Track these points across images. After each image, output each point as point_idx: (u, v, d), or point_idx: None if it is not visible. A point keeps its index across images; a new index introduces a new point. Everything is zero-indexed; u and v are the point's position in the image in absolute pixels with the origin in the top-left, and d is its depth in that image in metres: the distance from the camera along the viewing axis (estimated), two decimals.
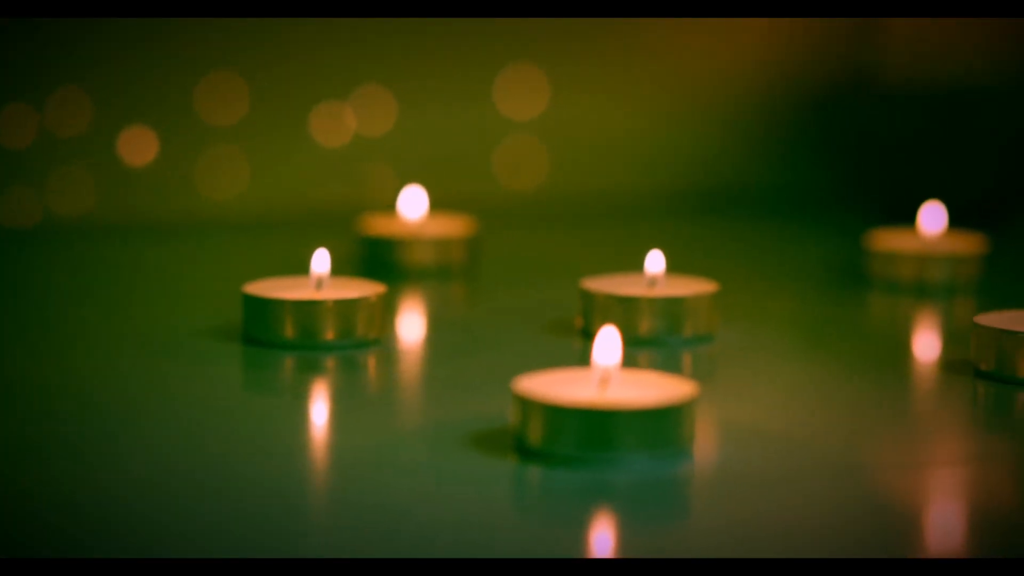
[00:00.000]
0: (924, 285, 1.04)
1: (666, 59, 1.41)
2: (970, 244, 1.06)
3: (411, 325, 0.95)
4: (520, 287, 1.05)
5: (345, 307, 0.83)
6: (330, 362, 0.82)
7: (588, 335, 0.87)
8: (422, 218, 1.09)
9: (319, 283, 0.85)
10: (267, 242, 1.20)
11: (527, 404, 0.64)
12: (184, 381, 0.78)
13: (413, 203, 1.10)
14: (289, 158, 1.32)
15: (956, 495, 0.65)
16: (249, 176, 1.31)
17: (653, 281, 0.88)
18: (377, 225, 1.09)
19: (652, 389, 0.66)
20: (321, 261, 0.86)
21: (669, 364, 0.83)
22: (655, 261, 0.88)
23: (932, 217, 1.07)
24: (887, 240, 1.06)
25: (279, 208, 1.30)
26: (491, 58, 1.37)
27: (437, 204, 1.14)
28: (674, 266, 0.94)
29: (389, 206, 1.22)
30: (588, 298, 0.87)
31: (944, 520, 0.62)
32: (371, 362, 0.83)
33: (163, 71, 1.28)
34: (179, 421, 0.71)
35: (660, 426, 0.64)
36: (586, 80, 1.39)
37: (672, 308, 0.86)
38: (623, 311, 0.85)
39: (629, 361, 0.83)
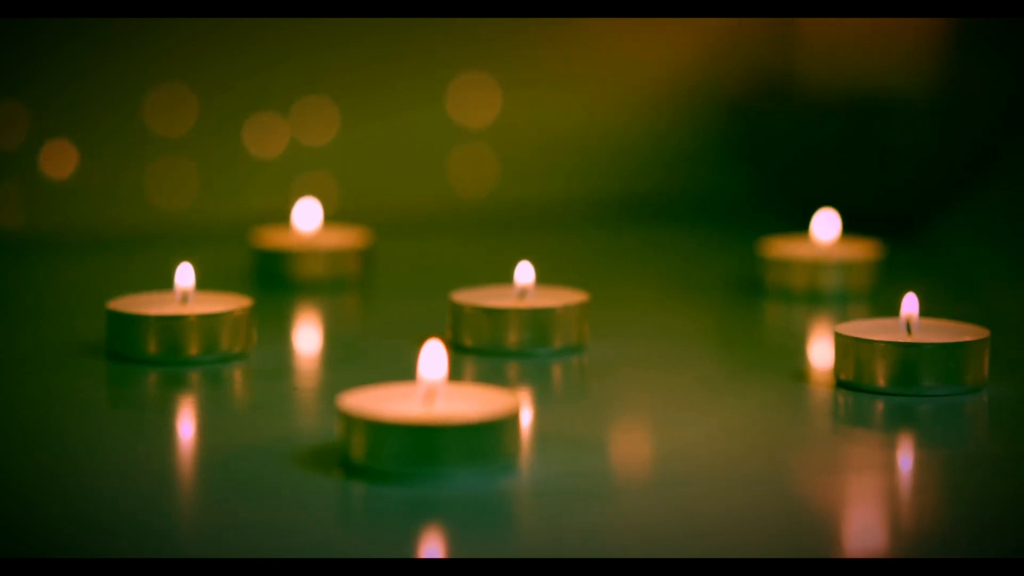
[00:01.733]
0: (817, 292, 1.04)
1: (586, 66, 1.41)
2: (864, 251, 1.05)
3: (284, 338, 0.94)
4: (407, 299, 1.05)
5: (209, 322, 0.83)
6: (194, 377, 0.81)
7: (457, 348, 0.87)
8: (316, 230, 1.09)
9: (184, 298, 0.85)
10: (183, 255, 1.19)
11: (350, 420, 0.64)
12: (47, 396, 0.78)
13: (307, 215, 1.09)
14: (232, 169, 1.32)
15: (785, 504, 0.64)
16: (197, 188, 1.31)
17: (523, 292, 0.88)
18: (270, 237, 1.08)
19: (477, 403, 0.65)
20: (185, 275, 0.85)
21: (536, 376, 0.83)
22: (524, 272, 0.88)
23: (825, 224, 1.07)
24: (780, 248, 1.06)
25: (224, 220, 1.29)
26: (440, 65, 1.37)
27: (382, 215, 1.14)
28: (568, 276, 0.94)
29: (329, 217, 1.24)
30: (457, 310, 0.86)
31: (773, 526, 0.62)
32: (236, 376, 0.82)
33: (98, 84, 1.28)
34: (34, 432, 0.72)
35: (484, 440, 0.63)
36: (524, 86, 1.39)
37: (540, 319, 0.85)
38: (490, 323, 0.85)
39: (496, 373, 0.83)
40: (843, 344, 0.79)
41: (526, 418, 0.73)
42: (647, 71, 1.42)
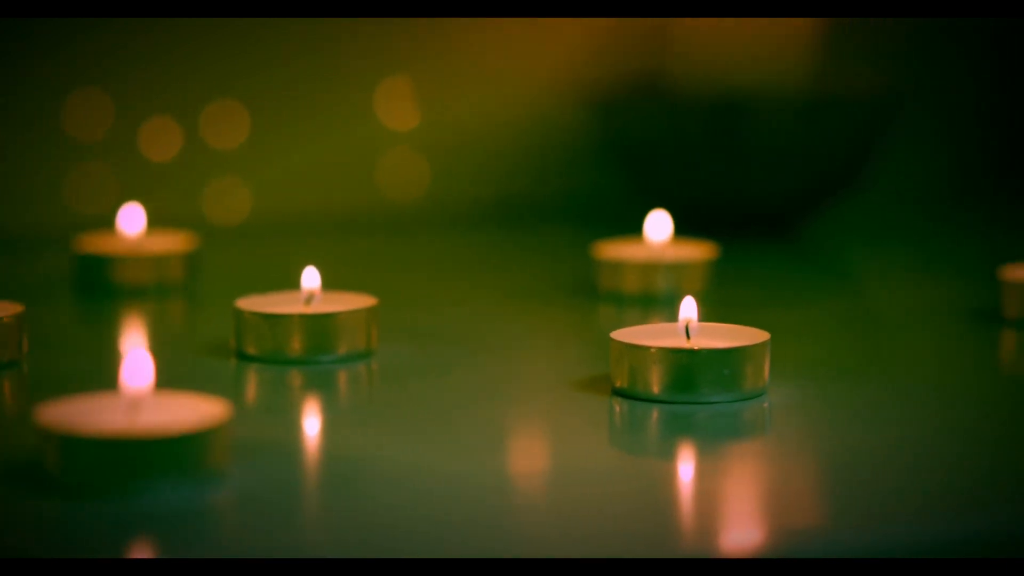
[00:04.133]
0: (650, 295, 1.01)
1: (459, 70, 1.38)
2: (696, 252, 1.03)
3: (67, 346, 0.91)
4: (220, 305, 1.01)
5: None
6: None
7: (241, 356, 0.84)
8: (139, 235, 1.06)
9: None
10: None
11: (44, 434, 0.61)
12: None
13: (131, 219, 1.06)
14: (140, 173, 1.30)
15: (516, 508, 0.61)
16: (117, 193, 1.29)
17: (309, 298, 0.85)
18: (93, 242, 1.05)
19: (182, 413, 0.63)
20: None
21: (318, 383, 0.80)
22: (310, 277, 0.85)
23: (657, 226, 1.04)
24: (613, 250, 1.03)
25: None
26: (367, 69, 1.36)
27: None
28: (389, 281, 0.93)
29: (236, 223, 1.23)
30: (239, 317, 0.84)
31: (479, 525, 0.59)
32: (3, 387, 0.80)
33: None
34: None
35: (186, 452, 0.61)
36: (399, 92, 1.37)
37: (322, 325, 0.82)
38: (270, 329, 0.82)
39: (277, 381, 0.81)
40: (617, 350, 0.76)
41: (236, 426, 0.69)
42: (522, 73, 1.40)
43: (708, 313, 0.97)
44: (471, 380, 0.82)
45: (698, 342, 0.77)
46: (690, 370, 0.74)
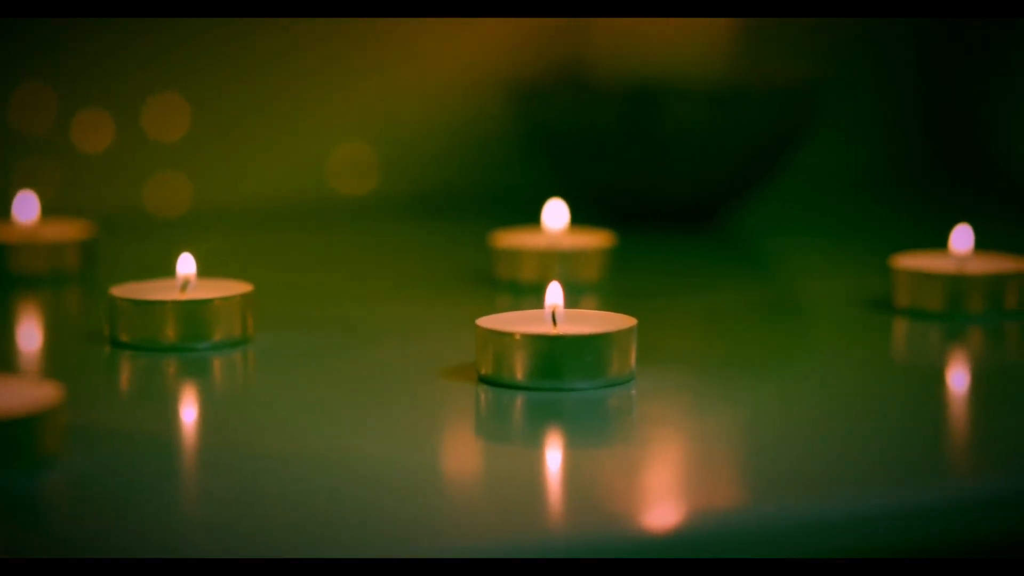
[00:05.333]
0: (546, 283, 1.00)
1: (379, 63, 1.38)
2: (593, 240, 1.02)
3: None
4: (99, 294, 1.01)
5: None
6: None
7: (115, 343, 0.83)
8: (34, 223, 1.05)
9: None
10: None
11: None
12: None
13: (25, 207, 1.06)
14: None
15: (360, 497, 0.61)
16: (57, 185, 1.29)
17: (185, 285, 0.85)
18: None
19: (11, 398, 0.62)
20: None
21: (191, 370, 0.80)
22: (185, 264, 0.85)
23: (554, 215, 1.03)
24: (509, 239, 1.02)
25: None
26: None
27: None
28: (294, 272, 0.97)
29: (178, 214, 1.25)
30: (112, 304, 0.83)
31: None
32: None
33: None
34: None
35: (13, 436, 0.60)
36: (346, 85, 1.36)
37: (196, 312, 0.82)
38: (142, 317, 0.82)
39: (149, 369, 0.80)
40: (482, 337, 0.75)
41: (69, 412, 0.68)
42: (443, 65, 1.39)
43: (603, 302, 0.98)
44: (343, 368, 0.81)
45: (564, 329, 0.76)
46: (553, 357, 0.74)
